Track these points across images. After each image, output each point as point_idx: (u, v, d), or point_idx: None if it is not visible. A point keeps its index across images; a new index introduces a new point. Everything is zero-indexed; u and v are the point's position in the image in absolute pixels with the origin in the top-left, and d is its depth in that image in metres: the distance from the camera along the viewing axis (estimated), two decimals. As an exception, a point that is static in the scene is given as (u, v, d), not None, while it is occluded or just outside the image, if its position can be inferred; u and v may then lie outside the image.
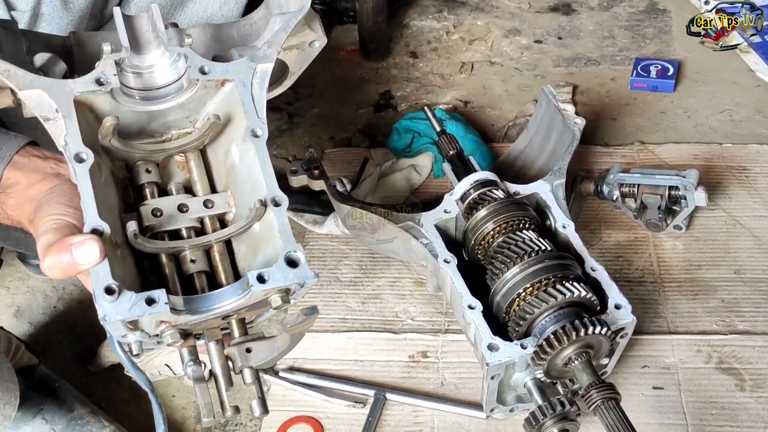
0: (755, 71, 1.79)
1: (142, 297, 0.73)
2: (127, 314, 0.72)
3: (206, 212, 0.87)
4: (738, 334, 1.25)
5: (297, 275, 0.77)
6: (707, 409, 1.16)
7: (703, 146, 1.59)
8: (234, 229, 0.84)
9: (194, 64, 0.85)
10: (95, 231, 0.76)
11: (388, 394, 1.20)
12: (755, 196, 1.48)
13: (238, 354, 0.82)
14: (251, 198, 0.83)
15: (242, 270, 0.86)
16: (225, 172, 0.90)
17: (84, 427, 1.15)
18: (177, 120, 0.89)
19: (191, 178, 0.90)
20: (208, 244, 0.85)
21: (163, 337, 0.78)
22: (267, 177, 0.83)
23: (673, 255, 1.38)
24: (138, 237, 0.80)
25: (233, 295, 0.78)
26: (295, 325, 0.85)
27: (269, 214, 0.82)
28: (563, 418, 1.01)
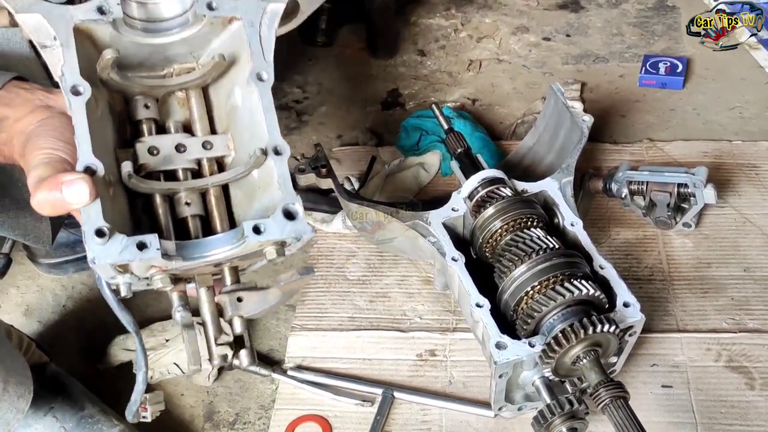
0: (765, 68, 1.78)
1: (133, 241, 0.71)
2: (117, 258, 0.70)
3: (205, 154, 0.84)
4: (748, 332, 1.25)
5: (294, 229, 0.75)
6: (717, 407, 1.16)
7: (712, 143, 1.58)
8: (232, 174, 0.82)
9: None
10: (88, 169, 0.73)
11: (396, 393, 1.20)
12: (765, 193, 1.47)
13: (229, 302, 0.80)
14: (251, 144, 0.81)
15: (237, 217, 0.84)
16: (226, 114, 0.87)
17: (94, 425, 1.15)
18: (179, 55, 0.86)
19: (191, 117, 0.87)
20: (204, 187, 0.83)
21: (152, 281, 0.75)
22: (269, 124, 0.81)
23: (682, 253, 1.38)
24: (132, 177, 0.77)
25: (227, 244, 0.76)
26: (289, 282, 0.84)
27: (269, 162, 0.79)
28: (572, 417, 1.00)
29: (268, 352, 1.30)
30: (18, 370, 1.03)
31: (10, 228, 1.17)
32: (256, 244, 0.74)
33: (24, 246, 1.44)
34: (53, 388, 1.17)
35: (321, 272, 1.40)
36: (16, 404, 1.01)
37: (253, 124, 0.82)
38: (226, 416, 1.22)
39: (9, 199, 1.13)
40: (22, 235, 1.20)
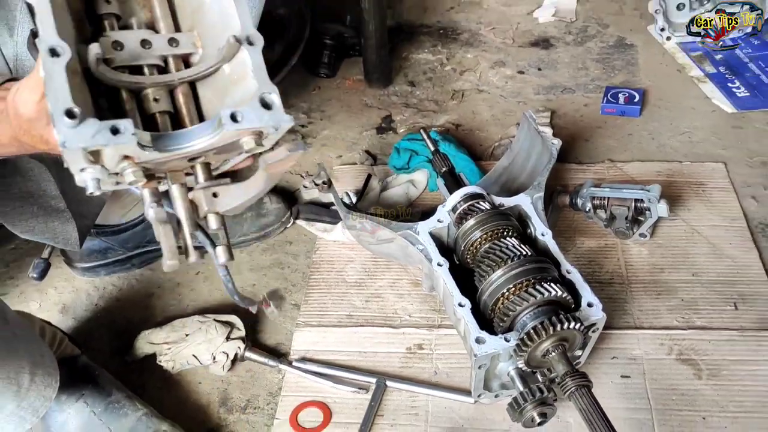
0: (711, 98, 1.78)
1: (106, 125, 0.60)
2: (89, 141, 0.60)
3: (171, 51, 0.73)
4: (696, 329, 1.25)
5: (272, 117, 0.66)
6: (669, 395, 1.16)
7: (665, 164, 1.59)
8: (203, 68, 0.71)
9: None
10: (53, 52, 0.61)
11: (388, 382, 1.20)
12: (711, 207, 1.47)
13: (204, 198, 0.70)
14: (221, 39, 0.70)
15: (207, 114, 0.74)
16: (191, 12, 0.76)
17: (120, 410, 1.14)
18: None
19: (153, 16, 0.75)
20: (172, 83, 0.72)
21: (124, 175, 0.64)
22: (241, 14, 0.70)
23: (638, 260, 1.38)
24: (100, 64, 0.67)
25: (204, 133, 0.66)
26: (277, 162, 0.74)
27: (243, 53, 0.69)
28: (542, 403, 1.00)
29: (276, 345, 1.30)
30: (46, 363, 1.02)
31: (40, 232, 1.16)
32: (234, 132, 0.65)
33: (61, 252, 1.43)
34: (84, 377, 1.16)
35: (322, 275, 1.40)
36: (44, 393, 1.00)
37: (224, 18, 0.71)
38: (238, 402, 1.22)
39: (37, 207, 1.12)
40: (52, 239, 1.18)
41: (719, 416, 1.12)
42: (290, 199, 1.55)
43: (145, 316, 1.34)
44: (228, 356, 1.23)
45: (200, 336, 1.23)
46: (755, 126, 1.69)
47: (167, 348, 1.23)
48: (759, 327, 1.24)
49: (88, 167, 0.62)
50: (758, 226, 1.44)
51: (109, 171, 0.64)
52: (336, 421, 1.16)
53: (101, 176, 0.64)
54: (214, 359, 1.22)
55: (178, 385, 1.25)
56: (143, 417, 1.14)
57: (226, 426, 1.18)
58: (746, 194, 1.51)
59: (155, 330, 1.27)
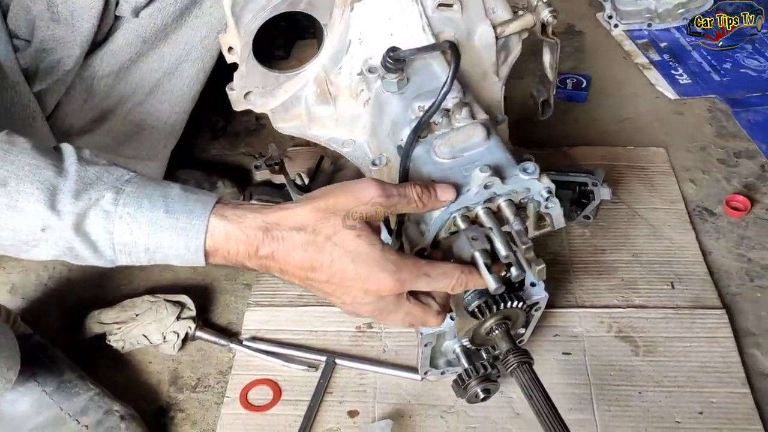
0: (655, 85, 1.82)
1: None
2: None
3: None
4: (634, 307, 1.28)
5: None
6: (607, 371, 1.19)
7: (609, 149, 1.61)
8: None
9: None
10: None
11: (337, 360, 1.21)
12: (651, 191, 1.51)
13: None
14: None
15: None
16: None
17: (72, 389, 1.13)
18: None
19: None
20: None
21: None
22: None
23: (581, 241, 1.41)
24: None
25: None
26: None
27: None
28: (486, 379, 1.02)
29: (227, 325, 1.29)
30: (9, 345, 1.00)
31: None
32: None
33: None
34: (36, 356, 1.14)
35: (274, 256, 1.39)
36: (6, 375, 0.99)
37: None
38: (188, 381, 1.21)
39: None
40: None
41: (654, 391, 1.16)
42: (244, 181, 1.54)
43: (95, 297, 1.33)
44: (178, 336, 1.22)
45: (150, 316, 1.22)
46: (695, 112, 1.73)
47: (117, 328, 1.22)
48: (693, 305, 1.28)
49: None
50: (696, 209, 1.48)
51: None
52: (285, 398, 1.17)
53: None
54: (165, 339, 1.22)
55: (128, 365, 1.24)
56: (95, 396, 1.13)
57: (176, 404, 1.18)
58: (685, 178, 1.55)
59: (105, 310, 1.25)
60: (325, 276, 0.79)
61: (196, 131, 1.66)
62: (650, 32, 1.99)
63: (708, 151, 1.62)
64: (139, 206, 0.75)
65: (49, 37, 1.12)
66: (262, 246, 0.77)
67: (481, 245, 0.84)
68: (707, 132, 1.67)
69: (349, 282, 0.79)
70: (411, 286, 0.81)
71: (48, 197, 0.74)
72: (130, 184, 0.77)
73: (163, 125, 1.37)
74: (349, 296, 0.81)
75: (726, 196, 1.49)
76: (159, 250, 0.76)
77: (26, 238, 0.76)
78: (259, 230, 0.76)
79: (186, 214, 0.76)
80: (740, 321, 1.27)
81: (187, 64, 1.31)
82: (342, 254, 0.77)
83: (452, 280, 0.83)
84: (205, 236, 0.76)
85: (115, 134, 1.33)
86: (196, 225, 0.76)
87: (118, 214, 0.75)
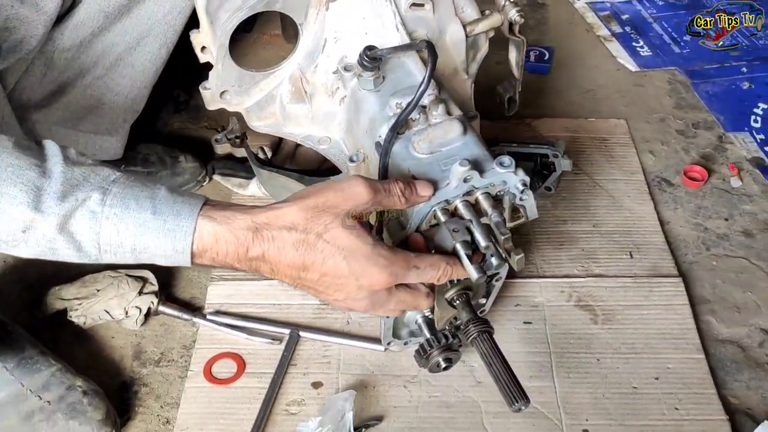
0: (616, 57, 1.84)
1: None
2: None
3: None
4: (594, 277, 1.30)
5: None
6: (567, 339, 1.21)
7: (571, 120, 1.63)
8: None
9: None
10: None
11: (301, 333, 1.21)
12: (612, 162, 1.53)
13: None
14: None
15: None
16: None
17: (34, 365, 1.12)
18: None
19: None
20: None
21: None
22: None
23: (543, 212, 1.41)
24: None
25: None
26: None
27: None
28: (447, 349, 1.03)
29: (190, 299, 1.29)
30: None
31: None
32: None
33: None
34: None
35: (238, 230, 1.39)
36: None
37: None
38: (152, 355, 1.21)
39: None
40: None
41: (612, 357, 1.18)
42: (206, 155, 1.53)
43: (56, 273, 1.31)
44: (141, 311, 1.21)
45: (112, 291, 1.21)
46: (655, 84, 1.75)
47: (78, 304, 1.21)
48: (651, 274, 1.30)
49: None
50: (654, 180, 1.50)
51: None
52: (249, 371, 1.17)
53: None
54: (127, 314, 1.21)
55: (90, 340, 1.23)
56: (57, 372, 1.12)
57: (139, 379, 1.18)
58: (645, 149, 1.57)
59: (66, 286, 1.24)
60: (317, 274, 0.80)
61: (158, 105, 1.64)
62: (612, 4, 2.00)
63: (667, 123, 1.64)
64: (126, 207, 0.75)
65: (13, 16, 1.09)
66: (252, 247, 0.77)
67: (462, 237, 0.87)
68: (666, 103, 1.70)
69: (342, 279, 0.80)
70: (402, 279, 0.83)
71: (32, 199, 0.73)
72: (117, 185, 0.76)
73: (123, 100, 1.35)
74: (342, 293, 0.82)
75: (684, 167, 1.51)
76: (145, 251, 0.76)
77: (6, 238, 0.75)
78: (248, 231, 0.77)
79: (174, 215, 0.75)
80: (696, 289, 1.30)
81: (150, 39, 1.29)
82: (334, 252, 0.78)
83: (438, 272, 0.86)
84: (192, 238, 0.76)
85: (74, 108, 1.31)
86: (183, 227, 0.75)
87: (105, 215, 0.74)
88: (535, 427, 1.10)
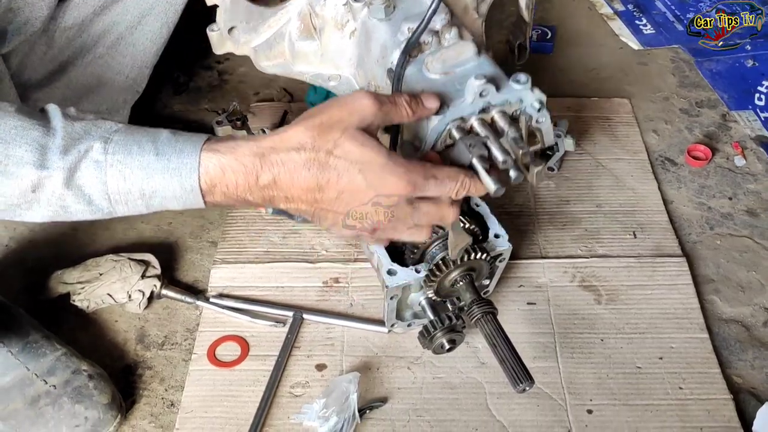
0: (619, 35, 1.82)
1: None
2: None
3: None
4: (597, 257, 1.30)
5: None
6: (571, 319, 1.21)
7: (574, 99, 1.62)
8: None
9: None
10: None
11: (304, 315, 1.21)
12: (615, 141, 1.52)
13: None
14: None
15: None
16: None
17: (39, 350, 1.12)
18: None
19: None
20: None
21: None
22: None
23: (546, 192, 1.42)
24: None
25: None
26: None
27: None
28: (451, 330, 1.03)
29: (193, 282, 1.29)
30: None
31: None
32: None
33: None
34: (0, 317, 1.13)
35: (240, 214, 1.38)
36: None
37: None
38: (155, 339, 1.21)
39: None
40: None
41: (616, 338, 1.18)
42: (207, 137, 1.52)
43: (58, 257, 1.31)
44: (144, 294, 1.21)
45: (114, 275, 1.21)
46: (659, 62, 1.74)
47: (81, 287, 1.21)
48: (654, 254, 1.30)
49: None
50: (658, 159, 1.49)
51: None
52: (253, 354, 1.17)
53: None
54: (130, 297, 1.21)
55: (94, 324, 1.23)
56: (62, 356, 1.12)
57: (143, 362, 1.18)
58: (648, 128, 1.56)
59: (68, 270, 1.24)
60: (335, 193, 0.77)
61: (158, 87, 1.63)
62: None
63: (671, 101, 1.63)
64: (129, 152, 0.74)
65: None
66: (261, 173, 0.75)
67: (479, 151, 0.84)
68: (670, 82, 1.68)
69: (361, 194, 0.77)
70: (421, 189, 0.80)
71: (37, 157, 0.73)
72: (118, 134, 0.76)
73: (124, 79, 1.34)
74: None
75: (687, 146, 1.50)
76: (155, 195, 0.76)
77: (18, 201, 0.75)
78: (255, 157, 0.75)
79: (176, 153, 0.75)
80: (700, 268, 1.30)
81: (151, 18, 1.28)
82: (348, 166, 0.75)
83: (457, 183, 0.82)
84: (198, 173, 0.74)
85: (75, 87, 1.30)
86: (187, 163, 0.74)
87: (109, 163, 0.74)
88: (539, 407, 1.10)
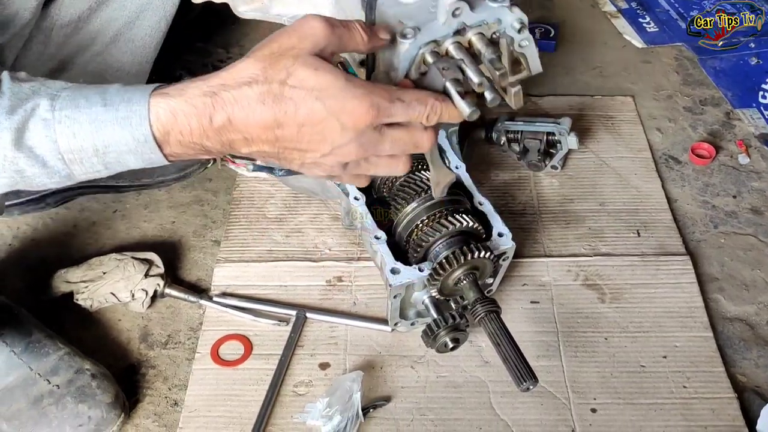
0: (623, 34, 1.82)
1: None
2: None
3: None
4: (601, 255, 1.29)
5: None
6: (574, 318, 1.21)
7: (577, 98, 1.61)
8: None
9: None
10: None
11: (308, 314, 1.21)
12: (618, 140, 1.51)
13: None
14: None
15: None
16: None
17: (41, 349, 1.12)
18: None
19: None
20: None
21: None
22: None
23: (550, 191, 1.41)
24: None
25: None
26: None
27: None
28: (455, 329, 1.03)
29: (196, 281, 1.29)
30: None
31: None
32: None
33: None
34: (2, 317, 1.13)
35: (243, 212, 1.38)
36: None
37: None
38: (159, 338, 1.21)
39: None
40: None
41: (620, 336, 1.18)
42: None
43: (61, 256, 1.31)
44: (147, 293, 1.21)
45: (118, 273, 1.21)
46: (662, 60, 1.73)
47: (84, 286, 1.21)
48: (658, 252, 1.30)
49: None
50: (662, 157, 1.49)
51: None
52: (257, 353, 1.17)
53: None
54: (133, 296, 1.21)
55: (97, 323, 1.23)
56: (65, 356, 1.12)
57: (147, 361, 1.18)
58: (652, 126, 1.55)
59: (71, 269, 1.24)
60: (295, 127, 0.72)
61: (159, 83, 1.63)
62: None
63: (674, 99, 1.63)
64: (77, 107, 0.71)
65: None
66: (215, 113, 0.71)
67: (453, 74, 0.79)
68: (674, 80, 1.68)
69: (322, 124, 0.72)
70: (387, 113, 0.74)
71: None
72: (67, 90, 0.73)
73: (125, 76, 1.33)
74: (327, 142, 0.74)
75: (691, 144, 1.50)
76: (108, 150, 0.72)
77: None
78: (205, 96, 0.71)
79: (125, 102, 0.71)
80: (704, 267, 1.30)
81: (149, 12, 1.27)
82: (304, 95, 0.70)
83: (426, 107, 0.76)
84: (149, 120, 0.71)
85: (75, 85, 1.29)
86: (137, 111, 0.71)
87: (57, 119, 0.71)
88: (543, 406, 1.10)
